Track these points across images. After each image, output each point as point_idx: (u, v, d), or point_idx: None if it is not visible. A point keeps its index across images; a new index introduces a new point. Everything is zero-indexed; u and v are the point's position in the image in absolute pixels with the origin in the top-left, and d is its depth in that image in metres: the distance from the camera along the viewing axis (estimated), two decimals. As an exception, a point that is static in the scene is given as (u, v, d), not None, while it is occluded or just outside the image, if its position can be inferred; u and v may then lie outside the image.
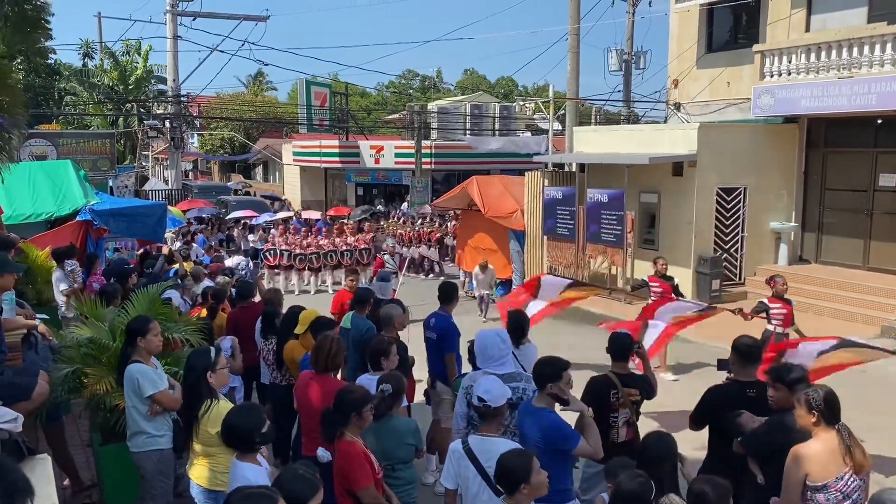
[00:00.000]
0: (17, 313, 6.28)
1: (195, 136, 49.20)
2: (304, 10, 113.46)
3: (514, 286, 16.99)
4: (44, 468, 3.86)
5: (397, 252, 18.29)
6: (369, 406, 4.25)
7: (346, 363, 6.44)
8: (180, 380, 5.06)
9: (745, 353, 4.93)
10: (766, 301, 8.79)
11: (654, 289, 10.32)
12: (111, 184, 26.70)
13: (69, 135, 28.90)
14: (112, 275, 9.11)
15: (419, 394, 7.31)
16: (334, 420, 4.19)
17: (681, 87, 17.69)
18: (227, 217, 24.78)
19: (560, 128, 24.49)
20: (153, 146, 41.47)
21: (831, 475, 3.77)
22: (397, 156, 29.65)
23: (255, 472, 3.78)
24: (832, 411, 3.87)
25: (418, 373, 7.02)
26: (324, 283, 17.82)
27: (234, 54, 40.39)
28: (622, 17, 23.12)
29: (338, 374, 5.52)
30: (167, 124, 28.27)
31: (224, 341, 6.21)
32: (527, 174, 17.23)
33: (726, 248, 14.37)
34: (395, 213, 26.21)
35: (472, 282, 15.24)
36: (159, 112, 30.95)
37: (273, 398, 7.19)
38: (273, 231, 20.27)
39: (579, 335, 12.89)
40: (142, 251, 13.45)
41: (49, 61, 35.34)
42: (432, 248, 20.28)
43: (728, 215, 14.32)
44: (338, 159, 30.88)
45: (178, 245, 17.36)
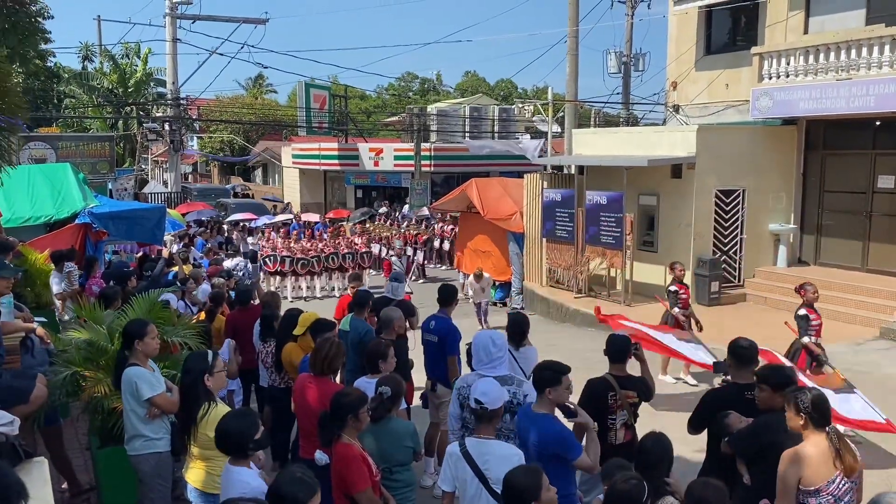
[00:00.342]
0: (16, 316, 6.29)
1: (194, 138, 49.23)
2: (303, 12, 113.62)
3: (513, 289, 17.01)
4: (41, 471, 3.85)
5: (406, 255, 18.14)
6: (366, 408, 4.25)
7: (345, 366, 6.44)
8: (178, 383, 5.05)
9: (742, 355, 4.92)
10: (806, 313, 8.35)
11: (682, 295, 10.08)
12: (110, 187, 26.70)
13: (68, 138, 28.87)
14: (112, 278, 9.12)
15: (418, 396, 7.31)
16: (331, 423, 4.19)
17: (679, 89, 17.71)
18: (227, 220, 24.78)
19: (559, 130, 24.53)
20: (152, 149, 41.53)
21: (823, 479, 3.74)
22: (396, 158, 29.64)
23: (249, 475, 3.77)
24: (821, 414, 3.84)
25: (416, 376, 7.01)
26: (332, 289, 17.79)
27: (234, 57, 40.61)
28: (621, 19, 23.19)
29: (336, 378, 5.52)
30: (166, 127, 28.29)
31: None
32: (526, 176, 17.24)
33: (725, 249, 14.37)
34: (394, 215, 26.22)
35: (468, 289, 15.17)
36: (159, 115, 30.98)
37: (271, 401, 7.19)
38: (273, 234, 20.25)
39: (577, 337, 12.90)
40: (140, 254, 13.47)
41: (48, 64, 35.30)
42: (419, 251, 20.22)
43: (727, 217, 14.33)
44: (337, 162, 30.88)
45: (178, 248, 17.36)
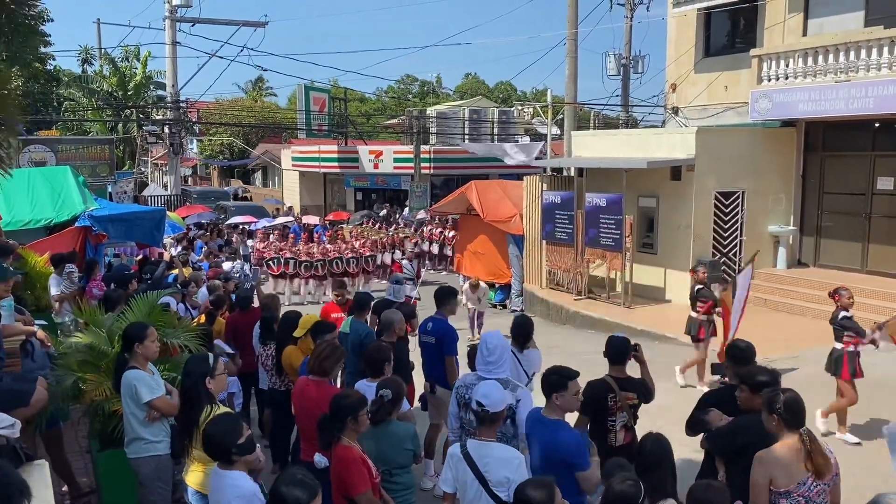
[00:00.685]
0: (16, 319, 6.29)
1: (194, 141, 49.23)
2: (302, 15, 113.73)
3: (512, 291, 17.02)
4: (41, 474, 3.86)
5: (415, 256, 17.96)
6: (365, 410, 4.25)
7: (345, 368, 6.44)
8: (178, 385, 5.05)
9: (739, 356, 4.94)
10: (851, 315, 7.81)
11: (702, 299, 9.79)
12: (110, 189, 26.74)
13: (68, 141, 28.93)
14: (113, 281, 9.14)
15: (417, 398, 7.30)
16: (331, 425, 4.19)
17: (679, 91, 17.73)
18: (227, 222, 24.76)
19: (558, 132, 24.54)
20: (152, 152, 41.51)
21: (793, 480, 3.73)
22: (396, 161, 29.64)
23: (241, 477, 3.74)
24: (793, 415, 3.81)
25: (417, 378, 7.01)
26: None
27: (233, 60, 40.12)
28: (620, 21, 23.24)
29: (337, 381, 5.52)
30: (166, 130, 28.31)
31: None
32: (525, 179, 17.25)
33: (725, 251, 14.38)
34: (394, 217, 26.21)
35: (463, 296, 15.03)
36: (158, 118, 30.99)
37: (271, 404, 7.19)
38: (271, 236, 20.20)
39: (577, 339, 12.91)
40: (140, 257, 13.47)
41: (48, 67, 35.33)
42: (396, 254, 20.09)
43: (726, 219, 14.33)
44: (337, 164, 30.90)
45: (178, 251, 17.37)
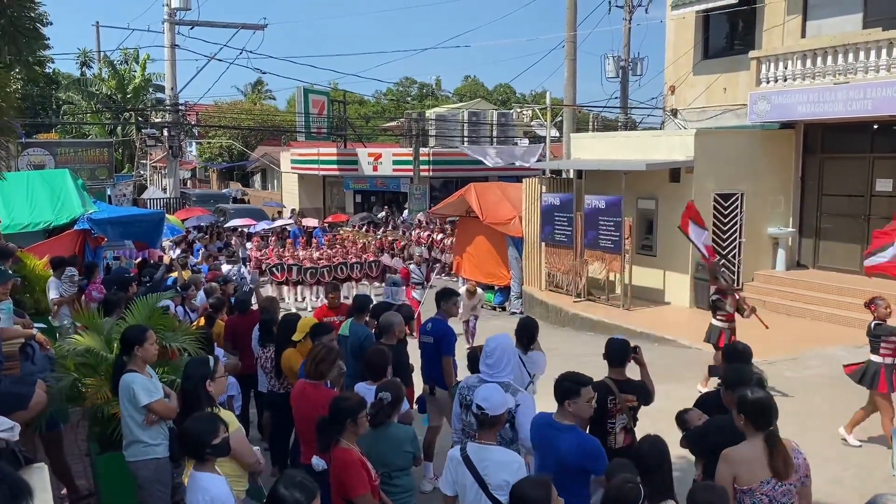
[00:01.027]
0: (15, 322, 6.29)
1: (193, 144, 49.23)
2: (301, 18, 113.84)
3: (511, 293, 17.03)
4: (40, 477, 3.86)
5: (424, 261, 17.87)
6: (364, 412, 4.25)
7: (344, 375, 6.43)
8: (177, 388, 5.05)
9: (734, 357, 4.95)
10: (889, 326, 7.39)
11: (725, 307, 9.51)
12: (109, 192, 26.77)
13: (67, 144, 28.95)
14: (113, 283, 9.15)
15: (416, 400, 7.30)
16: (330, 428, 4.19)
17: (677, 93, 17.74)
18: (226, 225, 24.75)
19: (557, 134, 24.54)
20: (151, 155, 41.50)
21: (756, 479, 3.77)
22: (395, 163, 29.66)
23: (212, 481, 3.72)
24: (760, 416, 3.83)
25: (418, 380, 7.01)
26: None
27: (232, 63, 40.14)
28: (619, 24, 23.26)
29: (338, 385, 5.50)
30: (165, 133, 28.30)
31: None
32: (524, 181, 17.27)
33: (724, 253, 14.37)
34: (393, 219, 26.21)
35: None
36: (157, 121, 30.98)
37: (271, 406, 7.19)
38: (270, 240, 20.17)
39: (576, 341, 12.91)
40: (140, 259, 13.47)
41: (47, 70, 35.32)
42: (395, 258, 20.10)
43: (725, 221, 14.34)
44: (336, 167, 30.91)
45: (177, 254, 17.37)
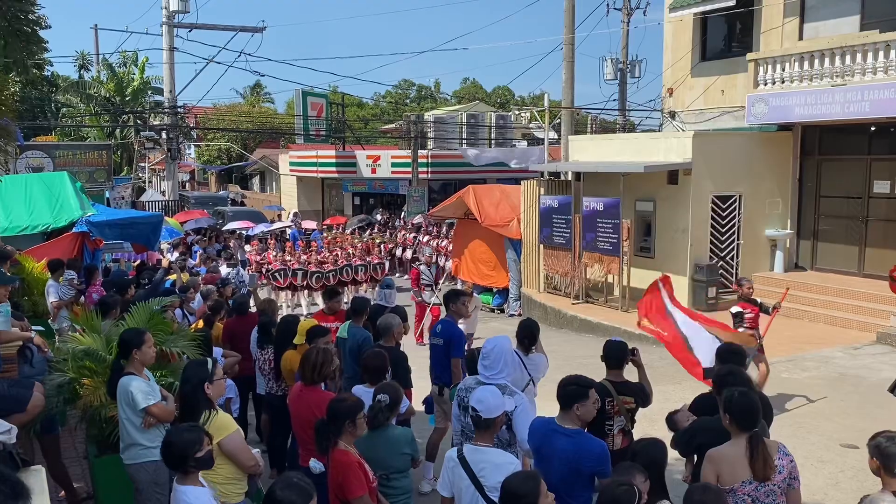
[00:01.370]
0: (13, 325, 6.29)
1: (192, 147, 49.22)
2: (300, 21, 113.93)
3: (510, 295, 17.03)
4: (38, 480, 3.86)
5: (435, 262, 17.77)
6: (362, 414, 4.25)
7: (342, 373, 6.44)
8: (174, 391, 5.05)
9: (730, 359, 4.96)
10: None
11: (748, 315, 9.17)
12: (108, 195, 26.73)
13: (66, 146, 28.92)
14: (112, 286, 9.19)
15: (417, 402, 7.30)
16: (328, 429, 4.19)
17: (675, 95, 17.76)
18: (224, 228, 24.73)
19: (556, 136, 24.56)
20: (150, 157, 41.51)
21: (737, 479, 3.81)
22: (394, 165, 29.67)
23: (196, 494, 3.69)
24: (744, 416, 3.87)
25: (418, 382, 7.01)
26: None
27: (231, 65, 40.48)
28: (617, 26, 23.29)
29: (335, 386, 5.51)
30: (164, 135, 28.30)
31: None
32: (523, 183, 17.28)
33: (722, 255, 14.40)
34: (392, 222, 26.19)
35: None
36: (156, 123, 30.99)
37: (269, 408, 7.19)
38: (268, 242, 20.13)
39: (574, 343, 12.92)
40: (138, 262, 13.48)
41: (46, 73, 35.32)
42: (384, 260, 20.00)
43: (723, 223, 14.36)
44: (334, 169, 30.91)
45: (175, 256, 17.35)
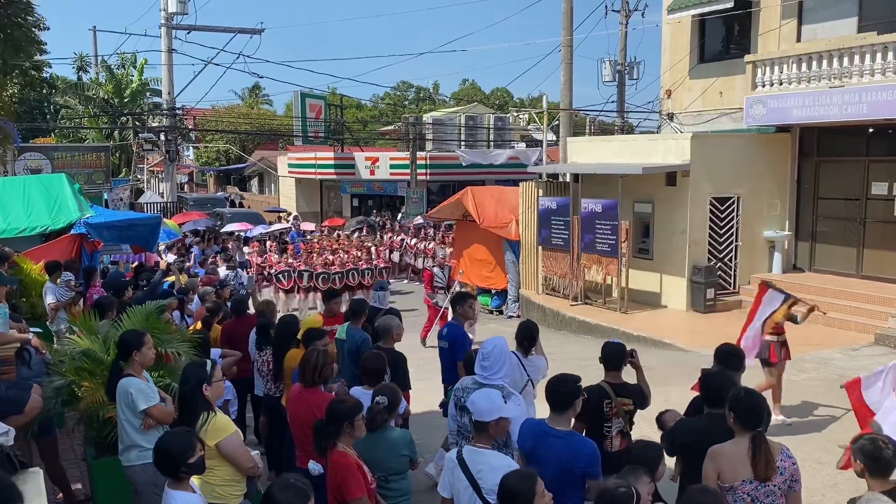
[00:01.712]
0: (11, 327, 6.28)
1: (190, 148, 49.22)
2: (299, 22, 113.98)
3: (509, 296, 17.03)
4: (35, 482, 3.86)
5: (447, 264, 17.67)
6: (361, 416, 4.25)
7: (340, 374, 6.44)
8: (173, 392, 5.04)
9: (726, 361, 4.97)
10: None
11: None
12: (106, 197, 26.73)
13: (64, 148, 28.94)
14: (111, 287, 9.19)
15: (417, 403, 7.30)
16: (327, 431, 4.19)
17: (674, 97, 17.78)
18: (222, 230, 24.71)
19: (554, 138, 24.61)
20: (148, 159, 41.52)
21: (737, 478, 3.83)
22: (392, 167, 29.72)
23: (188, 500, 3.69)
24: (747, 416, 3.89)
25: (417, 384, 7.02)
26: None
27: (229, 67, 40.70)
28: (615, 28, 23.32)
29: (335, 387, 5.50)
30: (162, 137, 28.31)
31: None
32: (521, 184, 17.29)
33: (720, 257, 14.41)
34: (390, 223, 26.19)
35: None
36: (154, 125, 31.00)
37: (268, 410, 7.19)
38: (267, 244, 20.09)
39: (573, 345, 12.91)
40: (136, 264, 13.48)
41: (44, 75, 35.30)
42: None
43: (722, 224, 14.38)
44: (333, 171, 30.94)
45: (173, 258, 17.35)
